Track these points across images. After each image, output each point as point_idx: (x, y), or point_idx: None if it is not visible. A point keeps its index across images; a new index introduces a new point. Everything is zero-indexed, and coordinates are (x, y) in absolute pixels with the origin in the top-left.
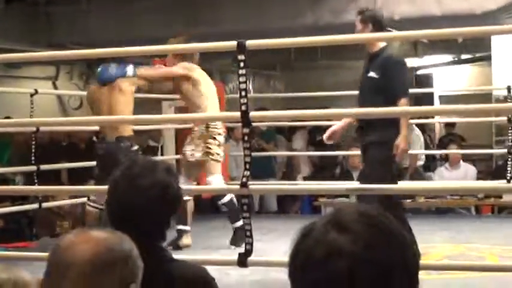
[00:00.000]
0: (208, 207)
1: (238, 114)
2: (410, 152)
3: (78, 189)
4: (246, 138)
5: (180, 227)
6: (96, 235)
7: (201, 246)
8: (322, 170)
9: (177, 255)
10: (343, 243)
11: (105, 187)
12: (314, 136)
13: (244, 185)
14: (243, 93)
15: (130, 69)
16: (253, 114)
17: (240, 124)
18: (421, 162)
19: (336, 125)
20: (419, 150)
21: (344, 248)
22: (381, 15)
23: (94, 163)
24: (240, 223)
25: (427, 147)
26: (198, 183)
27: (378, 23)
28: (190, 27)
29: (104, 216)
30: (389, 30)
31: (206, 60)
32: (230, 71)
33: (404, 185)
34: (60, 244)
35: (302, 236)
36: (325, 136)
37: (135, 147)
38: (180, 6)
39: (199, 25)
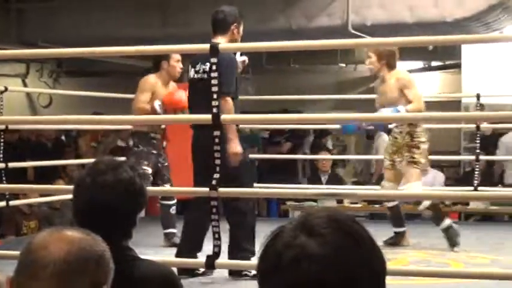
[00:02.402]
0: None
1: (209, 116)
2: (377, 157)
3: (48, 188)
4: (216, 141)
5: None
6: (69, 235)
7: (168, 247)
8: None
9: (143, 257)
10: (312, 247)
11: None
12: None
13: (213, 187)
14: (215, 96)
15: None
16: (224, 116)
17: None
18: None
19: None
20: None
21: (313, 252)
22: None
23: (62, 162)
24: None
25: None
26: (172, 185)
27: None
28: (162, 28)
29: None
30: (362, 36)
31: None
32: None
33: (370, 190)
34: (33, 243)
35: (271, 240)
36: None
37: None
38: (152, 6)
39: (171, 26)
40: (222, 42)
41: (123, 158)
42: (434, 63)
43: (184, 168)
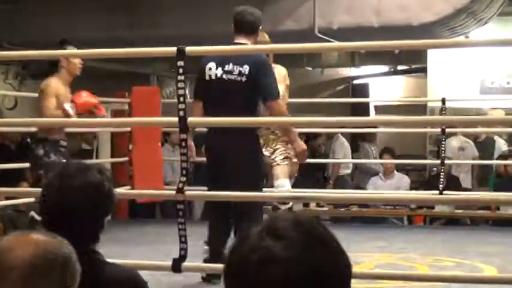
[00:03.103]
0: (143, 212)
1: (175, 119)
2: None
3: (12, 190)
4: (183, 144)
5: None
6: (35, 238)
7: (134, 251)
8: None
9: (110, 260)
10: (277, 250)
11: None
12: None
13: (180, 190)
14: (181, 99)
15: None
16: (190, 119)
17: (176, 129)
18: (347, 171)
19: (298, 140)
20: (343, 160)
21: (278, 254)
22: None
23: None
24: None
25: (368, 156)
26: (132, 187)
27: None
28: (132, 30)
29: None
30: (329, 40)
31: (144, 65)
32: (167, 76)
33: (338, 193)
34: (0, 246)
35: (237, 243)
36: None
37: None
38: (122, 8)
39: (141, 28)
40: (248, 43)
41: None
42: (400, 67)
43: (150, 171)
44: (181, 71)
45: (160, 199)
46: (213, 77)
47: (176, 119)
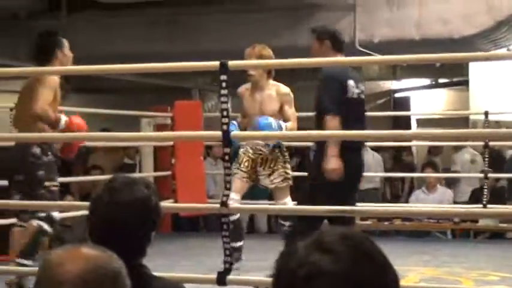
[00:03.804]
0: (186, 225)
1: (219, 133)
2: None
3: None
4: (226, 157)
5: None
6: (86, 252)
7: (180, 264)
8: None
9: (157, 274)
10: (325, 264)
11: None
12: None
13: (224, 204)
14: (225, 113)
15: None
16: (234, 133)
17: (219, 143)
18: (374, 185)
19: (333, 158)
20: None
21: (326, 269)
22: (339, 32)
23: (71, 179)
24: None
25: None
26: (176, 201)
27: (336, 39)
28: (172, 45)
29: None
30: (369, 54)
31: (185, 79)
32: (209, 90)
33: (384, 207)
34: (50, 260)
35: (285, 258)
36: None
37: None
38: (161, 23)
39: (180, 43)
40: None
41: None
42: (441, 80)
43: (192, 185)
44: (224, 85)
45: (204, 212)
46: (355, 96)
47: (219, 133)
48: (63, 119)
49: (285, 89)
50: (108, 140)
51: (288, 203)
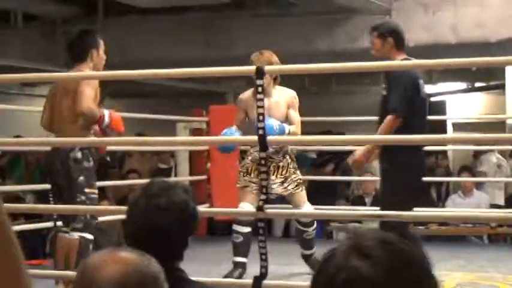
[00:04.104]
0: (222, 229)
1: (255, 138)
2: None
3: (93, 209)
4: (263, 162)
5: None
6: (125, 256)
7: (215, 268)
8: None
9: (194, 278)
10: (363, 269)
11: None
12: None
13: (260, 208)
14: (261, 117)
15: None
16: (270, 138)
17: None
18: None
19: (359, 150)
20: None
21: (365, 274)
22: (401, 28)
23: (108, 183)
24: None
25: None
26: (211, 205)
27: (399, 36)
28: (205, 50)
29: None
30: (408, 58)
31: (220, 83)
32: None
33: (417, 212)
34: (89, 264)
35: (323, 262)
36: (350, 160)
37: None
38: (197, 28)
39: (214, 48)
40: (399, 58)
41: None
42: (477, 84)
43: (228, 189)
44: (260, 89)
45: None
46: (424, 96)
47: (256, 137)
48: (107, 114)
49: (290, 92)
50: (144, 144)
51: (308, 208)
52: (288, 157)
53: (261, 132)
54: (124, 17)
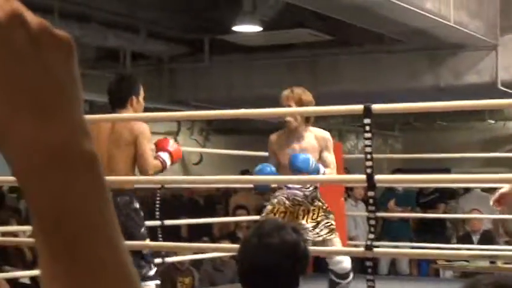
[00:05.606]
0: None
1: (363, 177)
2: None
3: (200, 246)
4: (371, 201)
5: None
6: None
7: None
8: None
9: None
10: None
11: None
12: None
13: (368, 247)
14: (369, 156)
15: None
16: (378, 177)
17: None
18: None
19: (506, 188)
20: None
21: None
22: None
23: (214, 219)
24: None
25: None
26: None
27: None
28: (311, 86)
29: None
30: None
31: (322, 119)
32: (347, 130)
33: None
34: None
35: None
36: (492, 200)
37: (136, 205)
38: (302, 64)
39: (318, 85)
40: None
41: None
42: None
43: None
44: (368, 128)
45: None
46: None
47: (363, 176)
48: (167, 158)
49: (323, 133)
50: (249, 182)
51: (343, 260)
52: (318, 202)
53: (368, 171)
54: (229, 54)
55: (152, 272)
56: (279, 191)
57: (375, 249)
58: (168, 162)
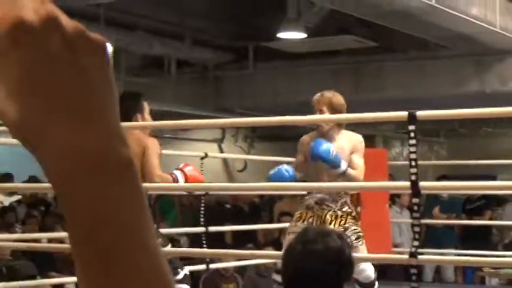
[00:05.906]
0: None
1: (407, 184)
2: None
3: (244, 253)
4: (415, 208)
5: None
6: None
7: None
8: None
9: None
10: None
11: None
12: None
13: (413, 255)
14: (413, 163)
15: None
16: (422, 184)
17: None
18: None
19: None
20: None
21: None
22: None
23: (258, 226)
24: None
25: None
26: None
27: None
28: (356, 93)
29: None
30: None
31: (368, 127)
32: (392, 137)
33: None
34: None
35: None
36: None
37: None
38: (346, 71)
39: (362, 91)
40: None
41: None
42: None
43: (379, 233)
44: (412, 135)
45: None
46: None
47: (408, 183)
48: (179, 175)
49: (356, 137)
50: (293, 189)
51: (367, 268)
52: (346, 207)
53: (413, 177)
54: (274, 61)
55: (180, 276)
56: (308, 195)
57: (420, 257)
58: (181, 180)
